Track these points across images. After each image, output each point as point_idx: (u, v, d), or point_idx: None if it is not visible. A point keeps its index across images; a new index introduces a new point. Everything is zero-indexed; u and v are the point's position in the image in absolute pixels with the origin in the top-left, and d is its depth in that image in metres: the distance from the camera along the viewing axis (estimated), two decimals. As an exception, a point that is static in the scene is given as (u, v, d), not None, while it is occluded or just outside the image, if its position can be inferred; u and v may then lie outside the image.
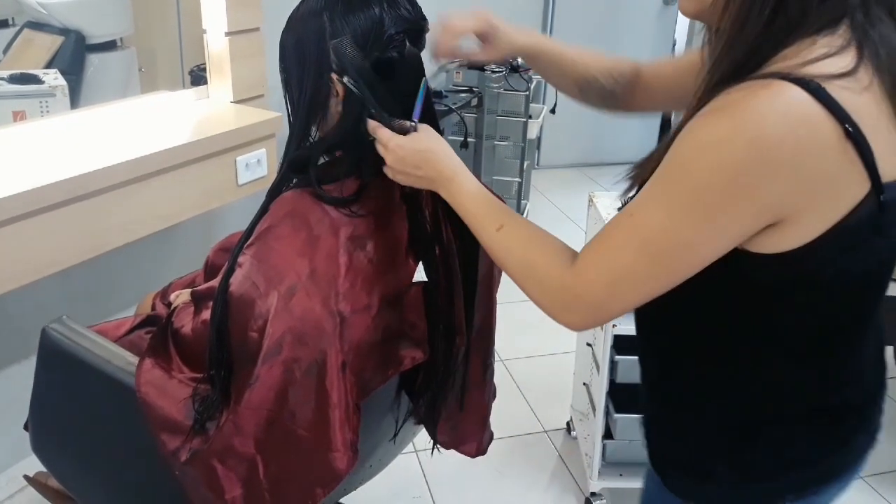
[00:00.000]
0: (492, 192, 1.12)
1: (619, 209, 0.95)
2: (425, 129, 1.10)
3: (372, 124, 1.10)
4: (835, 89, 0.78)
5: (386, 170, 1.11)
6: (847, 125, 0.78)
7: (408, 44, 1.14)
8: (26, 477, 1.81)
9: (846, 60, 0.81)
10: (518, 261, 0.98)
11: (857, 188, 0.81)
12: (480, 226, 1.03)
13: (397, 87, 1.14)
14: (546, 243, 0.98)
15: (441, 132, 1.23)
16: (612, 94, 1.27)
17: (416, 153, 1.08)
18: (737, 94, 0.80)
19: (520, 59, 3.70)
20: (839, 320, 0.94)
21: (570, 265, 0.92)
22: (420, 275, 1.26)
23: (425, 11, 1.19)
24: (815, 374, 0.96)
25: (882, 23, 0.84)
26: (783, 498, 1.00)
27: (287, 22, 1.17)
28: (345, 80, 1.09)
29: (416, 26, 1.16)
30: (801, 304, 0.90)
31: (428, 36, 1.21)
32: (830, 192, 0.81)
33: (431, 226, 1.22)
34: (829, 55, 0.81)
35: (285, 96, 1.21)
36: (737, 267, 0.86)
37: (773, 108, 0.78)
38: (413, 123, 1.10)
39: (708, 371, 0.99)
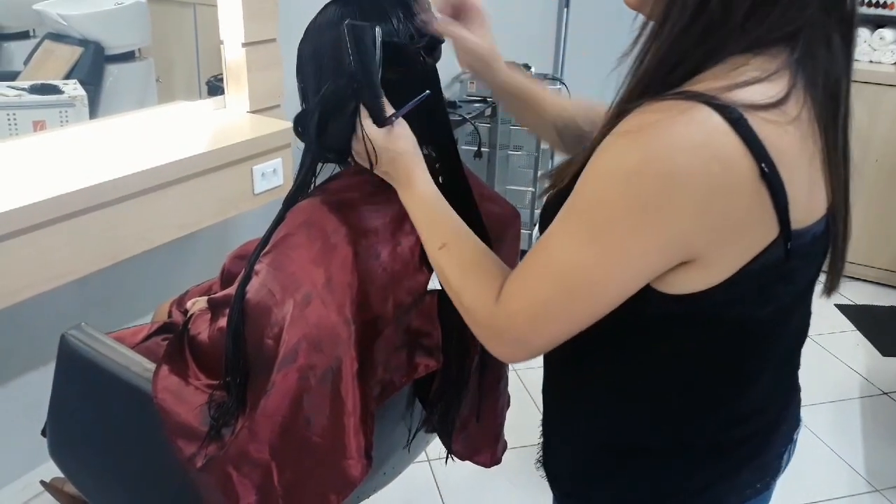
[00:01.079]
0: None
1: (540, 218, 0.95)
2: (401, 126, 1.08)
3: (362, 110, 1.07)
4: (758, 122, 0.73)
5: (354, 153, 1.10)
6: (763, 164, 0.73)
7: (423, 54, 1.16)
8: (43, 482, 1.83)
9: (777, 88, 0.76)
10: (452, 285, 0.97)
11: (765, 232, 0.77)
12: (425, 240, 1.03)
13: (413, 98, 1.16)
14: (481, 271, 0.95)
15: (455, 143, 1.24)
16: (590, 136, 1.26)
17: (385, 151, 1.06)
18: (652, 116, 0.74)
19: (533, 69, 3.71)
20: (733, 361, 0.90)
21: (497, 297, 0.89)
22: (434, 283, 1.27)
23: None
24: (703, 409, 0.93)
25: (825, 48, 0.80)
26: None
27: (305, 32, 1.19)
28: (349, 51, 1.05)
29: (433, 38, 1.17)
30: (694, 343, 0.87)
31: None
32: (739, 235, 0.77)
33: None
34: (760, 80, 0.75)
35: (302, 105, 1.22)
36: (637, 301, 0.82)
37: (687, 138, 0.72)
38: (392, 116, 1.07)
39: (594, 390, 0.98)
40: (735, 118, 0.72)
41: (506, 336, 0.90)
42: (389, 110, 1.06)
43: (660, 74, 0.80)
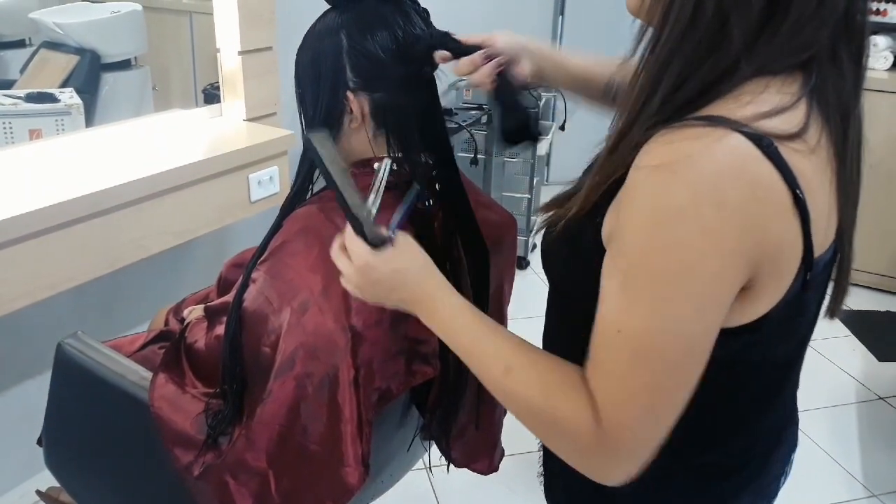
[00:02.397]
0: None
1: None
2: (404, 241, 0.94)
3: (348, 232, 0.93)
4: (787, 151, 0.71)
5: (344, 283, 0.97)
6: (798, 191, 0.71)
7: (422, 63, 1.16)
8: (38, 492, 1.82)
9: (798, 117, 0.74)
10: (538, 414, 0.83)
11: (794, 261, 0.75)
12: (481, 365, 0.88)
13: (409, 107, 1.17)
14: (562, 384, 0.81)
15: (452, 151, 1.25)
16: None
17: (392, 274, 0.91)
18: (685, 146, 0.71)
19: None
20: (755, 395, 0.89)
21: (593, 414, 0.78)
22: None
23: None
24: (712, 440, 0.91)
25: (836, 72, 0.78)
26: None
27: (303, 39, 1.19)
28: (318, 168, 0.91)
29: (431, 45, 1.18)
30: (717, 383, 0.80)
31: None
32: (778, 263, 0.74)
33: (441, 240, 1.23)
34: (782, 110, 0.73)
35: (300, 113, 1.22)
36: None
37: (729, 166, 0.70)
38: (390, 235, 0.92)
39: None
40: (766, 146, 0.70)
41: (621, 451, 0.78)
42: (381, 227, 0.92)
43: (666, 89, 0.76)
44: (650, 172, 0.72)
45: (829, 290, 0.93)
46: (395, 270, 0.92)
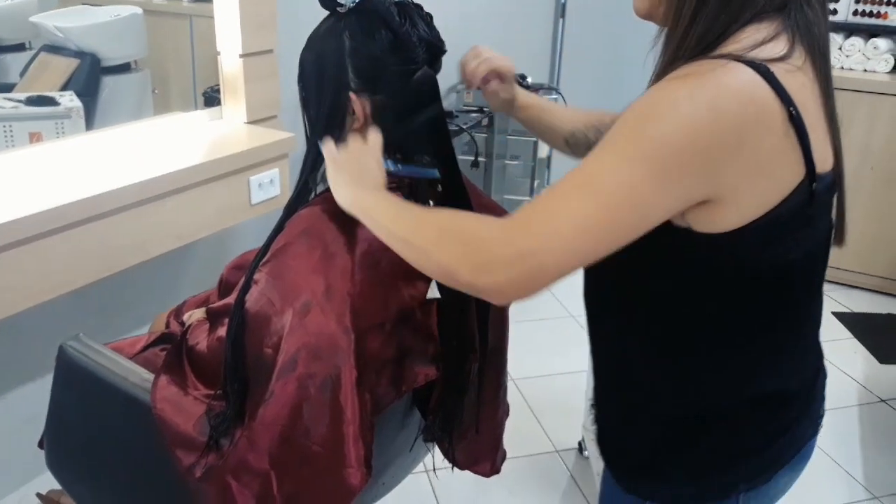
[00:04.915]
0: None
1: None
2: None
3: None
4: (779, 72, 0.82)
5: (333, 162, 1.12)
6: (791, 108, 0.82)
7: (425, 66, 1.17)
8: (38, 495, 1.82)
9: (780, 45, 0.86)
10: (448, 224, 0.94)
11: (792, 174, 0.85)
12: (406, 206, 1.04)
13: (412, 108, 1.17)
14: (475, 216, 0.97)
15: (454, 153, 1.25)
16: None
17: (370, 151, 1.12)
18: (695, 67, 0.83)
19: (530, 79, 3.72)
20: (773, 310, 0.95)
21: (507, 219, 0.88)
22: (433, 291, 1.27)
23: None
24: (755, 363, 0.97)
25: (811, 9, 0.89)
26: (736, 488, 1.01)
27: (307, 41, 1.20)
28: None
29: (434, 48, 1.18)
30: (734, 294, 0.91)
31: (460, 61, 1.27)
32: (769, 170, 0.84)
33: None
34: (767, 40, 0.85)
35: (303, 114, 1.23)
36: (673, 247, 0.88)
37: (728, 82, 0.81)
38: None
39: (648, 362, 1.00)
40: (763, 70, 0.82)
41: (511, 251, 0.84)
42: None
43: (686, 53, 0.88)
44: (664, 82, 0.84)
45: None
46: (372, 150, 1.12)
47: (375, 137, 1.14)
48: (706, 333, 0.95)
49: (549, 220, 0.84)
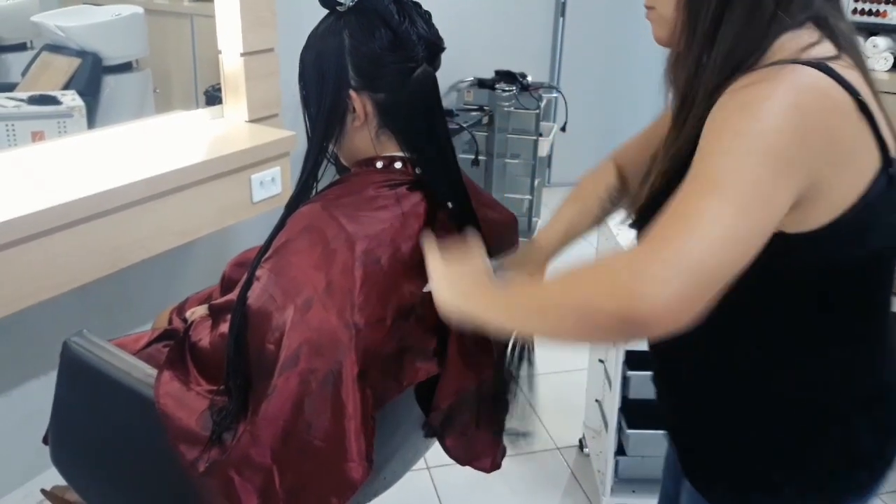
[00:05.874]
0: None
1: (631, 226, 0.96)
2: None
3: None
4: (838, 67, 0.83)
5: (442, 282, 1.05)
6: (859, 97, 0.83)
7: (424, 63, 1.18)
8: (43, 491, 1.83)
9: (828, 48, 0.87)
10: (572, 277, 0.83)
11: (871, 161, 0.85)
12: (527, 293, 0.93)
13: (412, 106, 1.18)
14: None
15: (454, 151, 1.26)
16: (619, 201, 1.30)
17: (477, 270, 1.04)
18: (756, 76, 0.83)
19: (530, 78, 3.74)
20: (874, 300, 0.95)
21: (630, 251, 0.81)
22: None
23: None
24: (863, 358, 0.96)
25: (843, 21, 0.91)
26: (844, 501, 0.98)
27: (307, 39, 1.21)
28: None
29: (433, 46, 1.19)
30: (834, 288, 0.91)
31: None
32: (852, 163, 0.84)
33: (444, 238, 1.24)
34: (813, 44, 0.86)
35: (304, 113, 1.24)
36: (770, 255, 0.81)
37: (800, 80, 0.82)
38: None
39: (757, 376, 0.97)
40: (823, 67, 0.82)
41: (679, 264, 0.74)
42: None
43: (718, 61, 0.88)
44: (732, 94, 0.83)
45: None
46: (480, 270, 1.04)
47: (478, 247, 1.10)
48: (815, 334, 0.94)
49: (694, 227, 0.76)
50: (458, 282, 1.01)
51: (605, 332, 0.80)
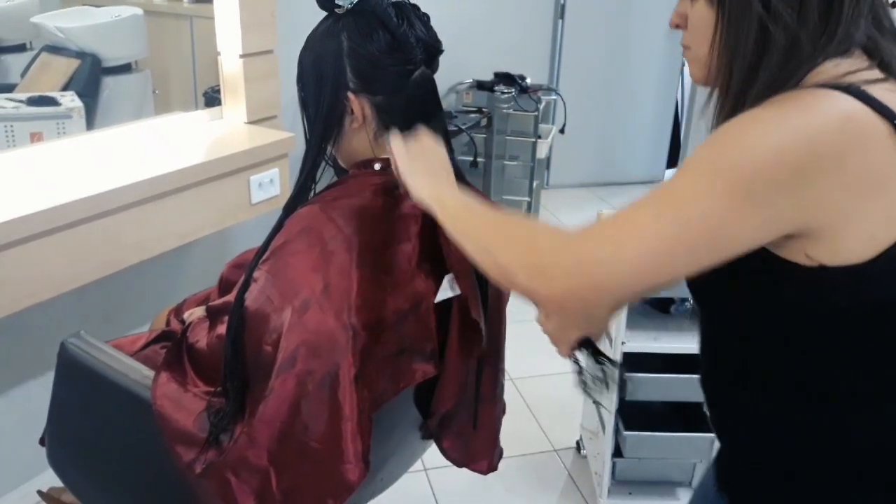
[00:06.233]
0: None
1: None
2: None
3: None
4: (878, 91, 0.78)
5: (399, 155, 1.12)
6: (895, 122, 0.77)
7: (422, 66, 1.18)
8: (40, 492, 1.83)
9: (875, 72, 0.82)
10: (514, 230, 0.93)
11: None
12: (483, 207, 1.00)
13: (411, 109, 1.18)
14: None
15: (452, 152, 1.26)
16: None
17: (441, 150, 1.14)
18: (779, 97, 0.80)
19: (528, 80, 3.74)
20: None
21: (573, 231, 0.85)
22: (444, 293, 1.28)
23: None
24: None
25: (891, 40, 0.86)
26: None
27: (306, 41, 1.22)
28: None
29: (431, 48, 1.20)
30: (875, 332, 0.84)
31: None
32: (882, 190, 0.78)
33: (444, 241, 1.24)
34: (861, 69, 0.82)
35: (302, 114, 1.24)
36: (816, 289, 0.81)
37: (818, 104, 0.78)
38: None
39: (808, 422, 0.91)
40: (855, 91, 0.77)
41: (582, 269, 0.81)
42: None
43: (757, 90, 0.84)
44: (748, 111, 0.80)
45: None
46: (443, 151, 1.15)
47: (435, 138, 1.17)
48: (868, 373, 0.87)
49: (617, 233, 0.81)
50: (426, 158, 1.12)
51: (507, 285, 0.90)
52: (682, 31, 0.93)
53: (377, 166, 1.24)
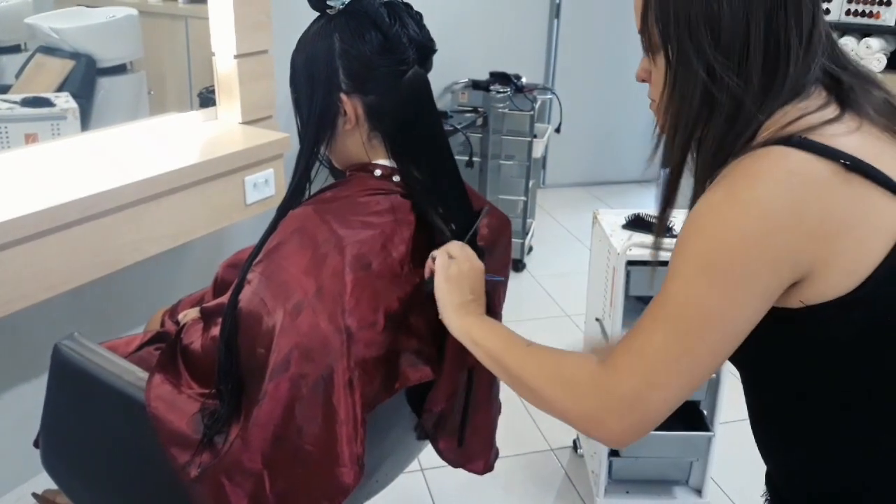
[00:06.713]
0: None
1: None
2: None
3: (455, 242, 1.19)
4: (819, 136, 0.80)
5: (440, 279, 1.14)
6: (843, 160, 0.79)
7: (415, 66, 1.18)
8: (34, 495, 1.82)
9: (829, 112, 0.84)
10: (549, 370, 0.97)
11: (889, 216, 0.80)
12: (511, 343, 1.05)
13: (404, 109, 1.18)
14: (573, 352, 0.99)
15: (452, 155, 1.27)
16: None
17: (478, 273, 1.16)
18: (727, 169, 0.83)
19: (524, 79, 3.74)
20: None
21: (601, 363, 0.90)
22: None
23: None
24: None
25: (863, 88, 0.88)
26: None
27: (298, 42, 1.21)
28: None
29: (424, 48, 1.19)
30: (876, 355, 0.85)
31: None
32: (855, 228, 0.80)
33: (437, 240, 1.24)
34: (808, 113, 0.83)
35: (295, 115, 1.24)
36: (812, 331, 0.84)
37: (760, 169, 0.80)
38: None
39: (842, 455, 0.92)
40: (796, 141, 0.80)
41: (616, 398, 0.87)
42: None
43: (723, 150, 0.87)
44: (704, 195, 0.85)
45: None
46: (478, 271, 1.17)
47: (478, 260, 1.18)
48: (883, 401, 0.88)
49: (639, 361, 0.86)
50: (462, 287, 1.14)
51: (562, 420, 0.96)
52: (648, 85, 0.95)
53: (378, 173, 1.23)
